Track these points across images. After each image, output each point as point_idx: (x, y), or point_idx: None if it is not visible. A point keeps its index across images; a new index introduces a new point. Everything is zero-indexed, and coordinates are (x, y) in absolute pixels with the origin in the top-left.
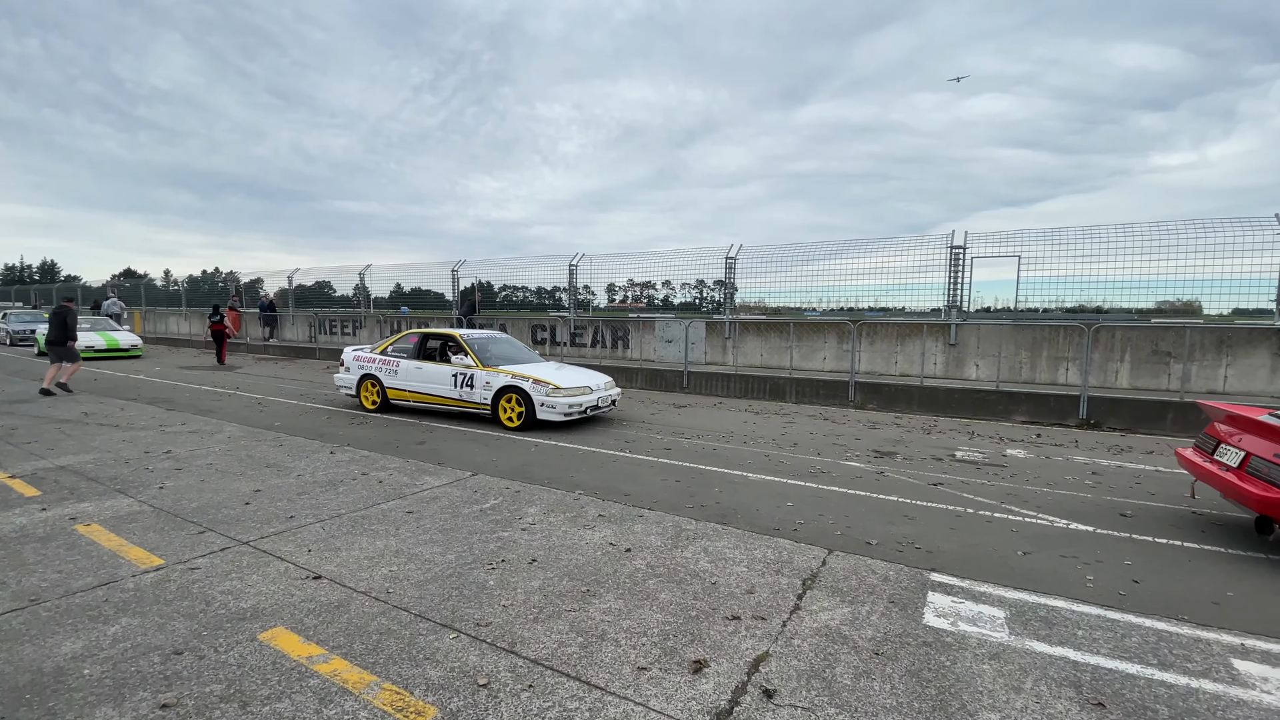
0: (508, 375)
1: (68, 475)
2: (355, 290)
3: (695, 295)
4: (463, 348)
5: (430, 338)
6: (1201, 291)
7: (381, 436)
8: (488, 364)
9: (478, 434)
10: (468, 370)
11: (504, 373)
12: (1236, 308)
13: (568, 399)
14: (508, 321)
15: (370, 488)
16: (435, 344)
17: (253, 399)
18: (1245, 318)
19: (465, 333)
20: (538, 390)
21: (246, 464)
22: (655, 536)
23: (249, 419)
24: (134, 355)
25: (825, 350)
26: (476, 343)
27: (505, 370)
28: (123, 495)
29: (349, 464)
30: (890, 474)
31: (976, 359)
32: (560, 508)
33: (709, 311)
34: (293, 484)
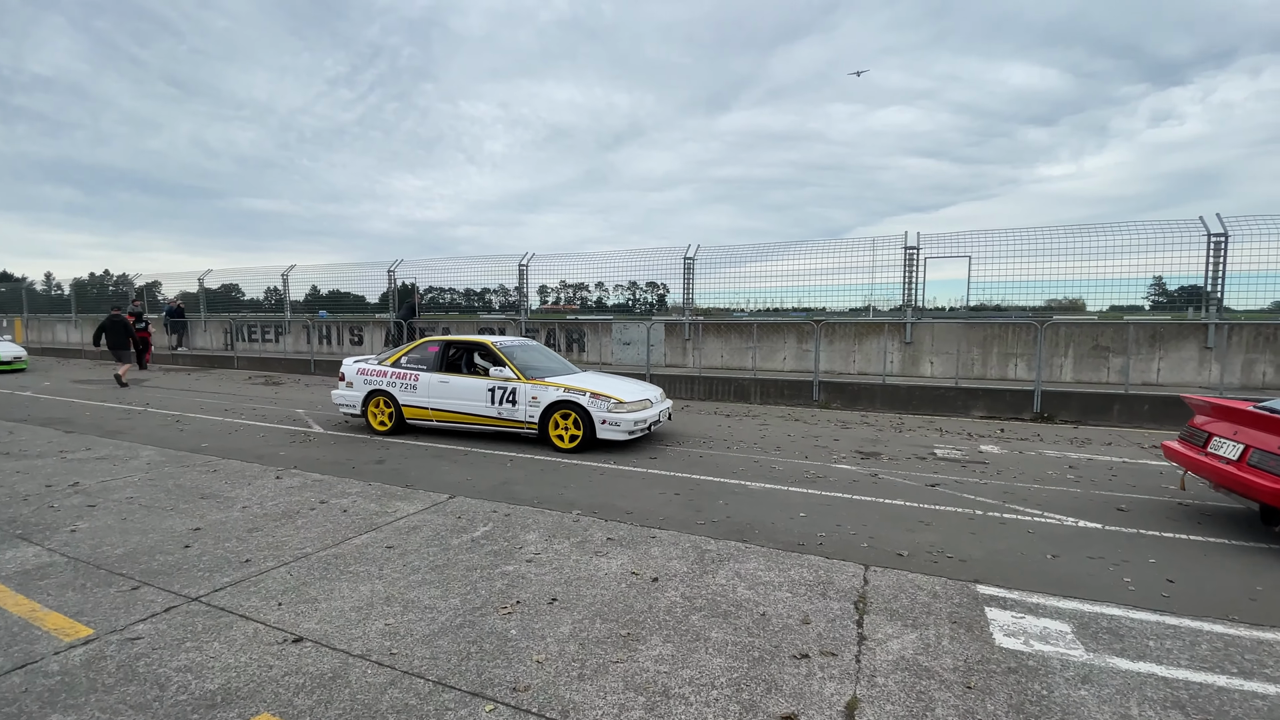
0: (559, 389)
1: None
2: (267, 293)
3: (629, 297)
4: (498, 358)
5: (453, 346)
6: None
7: (332, 456)
8: (530, 376)
9: (441, 449)
10: (508, 384)
11: (554, 386)
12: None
13: (632, 415)
14: (451, 325)
15: (335, 519)
16: (459, 353)
17: (169, 416)
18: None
19: (499, 340)
20: (598, 406)
21: (177, 495)
22: (678, 561)
23: (168, 440)
24: (17, 369)
25: (785, 351)
26: (513, 352)
27: (554, 383)
28: (26, 543)
29: (302, 491)
30: (884, 476)
31: (931, 356)
32: (561, 531)
33: (643, 314)
34: (239, 518)
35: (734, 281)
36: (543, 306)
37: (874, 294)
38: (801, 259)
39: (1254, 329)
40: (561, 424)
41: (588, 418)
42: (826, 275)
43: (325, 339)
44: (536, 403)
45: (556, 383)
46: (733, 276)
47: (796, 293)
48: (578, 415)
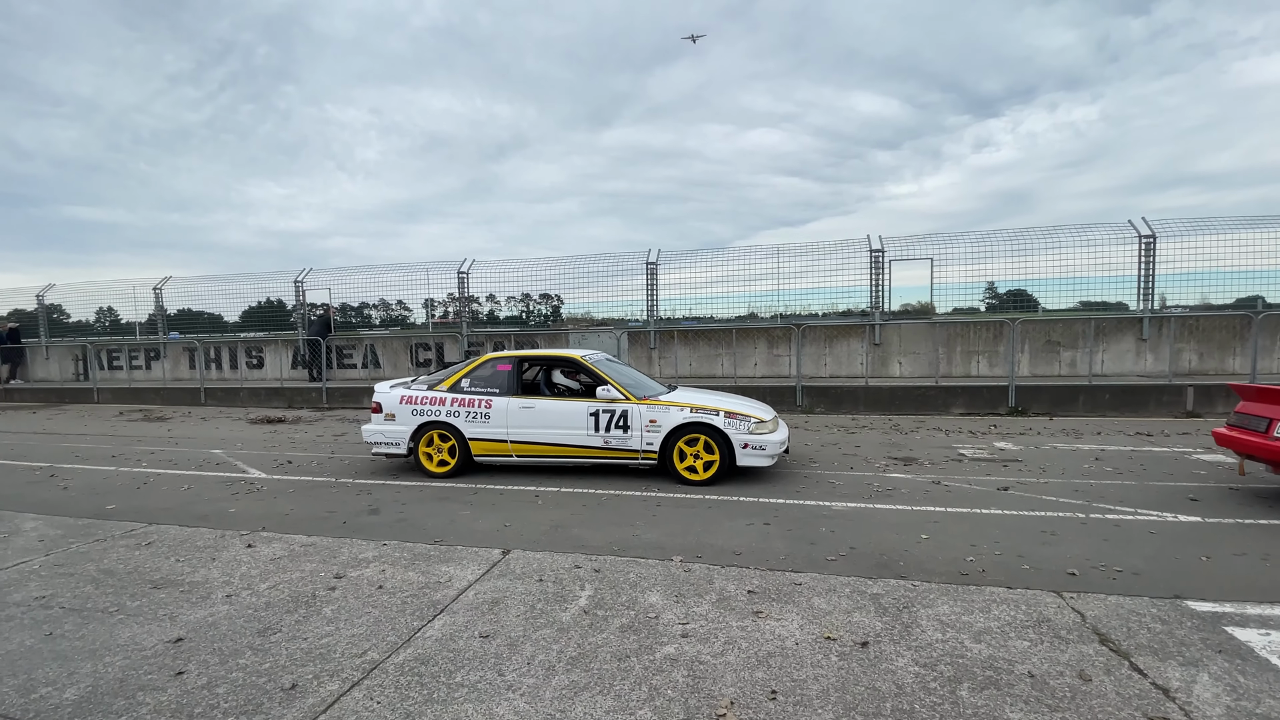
0: (684, 409)
1: None
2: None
3: (522, 309)
4: (598, 375)
5: (529, 364)
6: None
7: (304, 509)
8: (639, 395)
9: (441, 489)
10: (615, 406)
11: (677, 406)
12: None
13: (775, 436)
14: (374, 342)
15: (374, 600)
16: (536, 372)
17: (35, 470)
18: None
19: (589, 354)
20: (736, 427)
21: (114, 588)
22: (858, 613)
23: (53, 504)
24: None
25: (756, 356)
26: (607, 367)
27: (674, 402)
28: None
29: (296, 561)
30: (946, 483)
31: (900, 357)
32: (684, 588)
33: (538, 324)
34: (232, 614)
35: (692, 288)
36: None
37: (837, 297)
38: (758, 263)
39: (1179, 321)
40: (689, 451)
41: (725, 442)
42: (789, 279)
43: (215, 363)
44: (656, 427)
45: (678, 401)
46: (688, 282)
47: (756, 297)
48: (709, 440)
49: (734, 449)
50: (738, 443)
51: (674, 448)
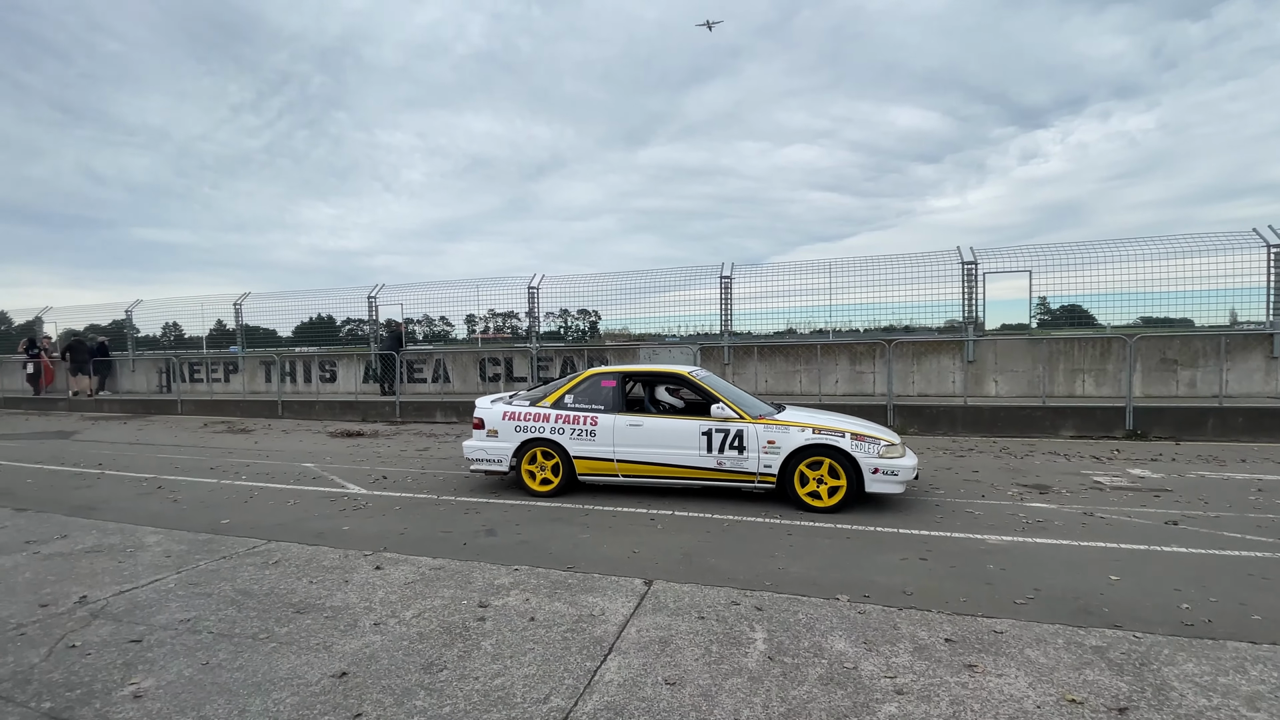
0: (806, 429)
1: None
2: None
3: (559, 325)
4: (708, 393)
5: (633, 380)
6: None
7: (418, 528)
8: (754, 414)
9: (550, 509)
10: (729, 425)
11: (797, 426)
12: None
13: (908, 461)
14: (444, 356)
15: (530, 634)
16: (640, 389)
17: (141, 481)
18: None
19: (694, 370)
20: (864, 450)
21: (256, 612)
22: (1088, 670)
23: (168, 517)
24: None
25: (837, 373)
26: (718, 384)
27: (794, 421)
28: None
29: (431, 587)
30: (1101, 515)
31: (995, 375)
32: (869, 634)
33: (576, 341)
34: (388, 646)
35: (763, 300)
36: (470, 336)
37: (922, 312)
38: (835, 276)
39: None
40: (812, 475)
41: (852, 466)
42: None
43: (290, 376)
44: (774, 449)
45: (798, 421)
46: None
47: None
48: (834, 463)
49: (862, 474)
50: (866, 467)
51: (794, 471)
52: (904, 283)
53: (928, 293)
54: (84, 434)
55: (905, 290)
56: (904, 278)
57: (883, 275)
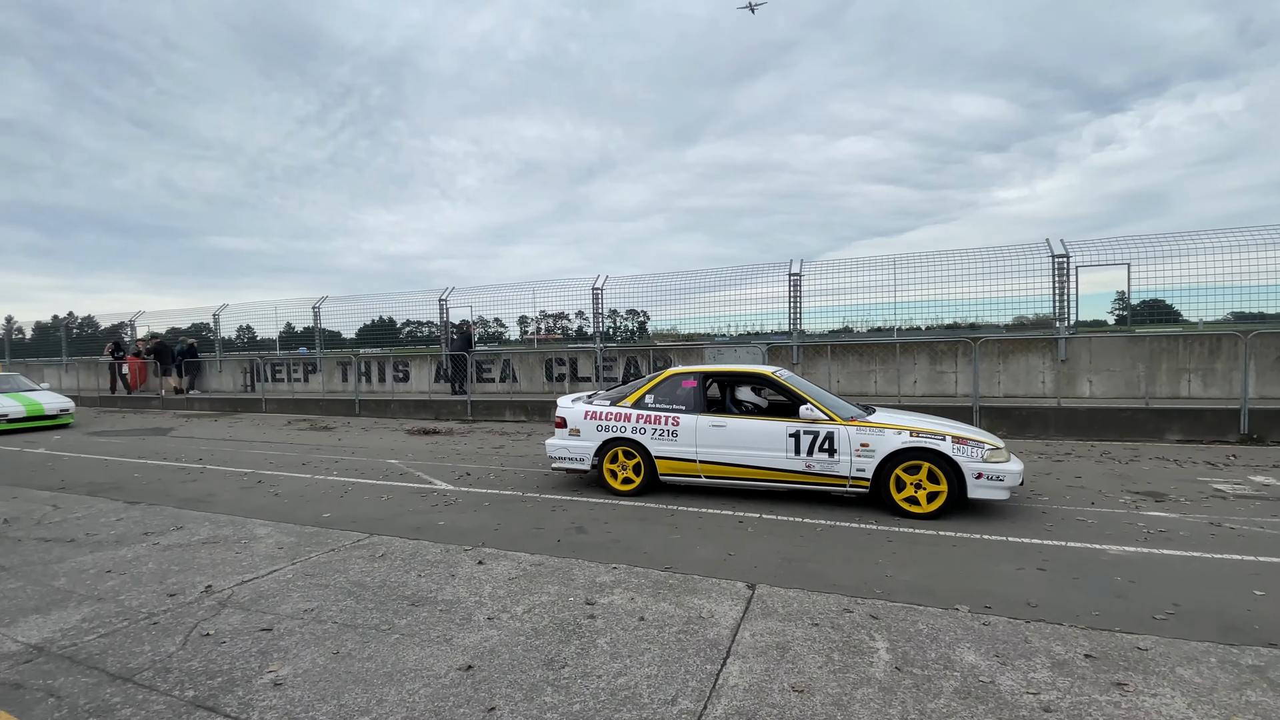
0: (902, 431)
1: (63, 670)
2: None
3: (609, 325)
4: (794, 393)
5: (714, 379)
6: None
7: (511, 525)
8: (844, 415)
9: (637, 508)
10: (818, 427)
11: (891, 428)
12: None
13: (1014, 466)
14: (511, 356)
15: (641, 634)
16: (720, 388)
17: (241, 476)
18: None
19: (778, 370)
20: (967, 454)
21: (372, 603)
22: (1249, 690)
23: (272, 510)
24: (64, 423)
25: (916, 373)
26: (802, 385)
27: (888, 424)
28: (217, 716)
29: (535, 583)
30: (1229, 525)
31: (1090, 375)
32: (999, 646)
33: (625, 340)
34: (505, 641)
35: (835, 295)
36: (523, 337)
37: (1006, 308)
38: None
39: None
40: (909, 480)
41: (954, 471)
42: (930, 286)
43: (365, 376)
44: (868, 452)
45: (892, 423)
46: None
47: (911, 308)
48: (934, 468)
49: (965, 479)
50: (969, 472)
51: (890, 475)
52: (981, 277)
53: (1009, 287)
54: (179, 431)
55: (980, 285)
56: (981, 271)
57: (955, 270)
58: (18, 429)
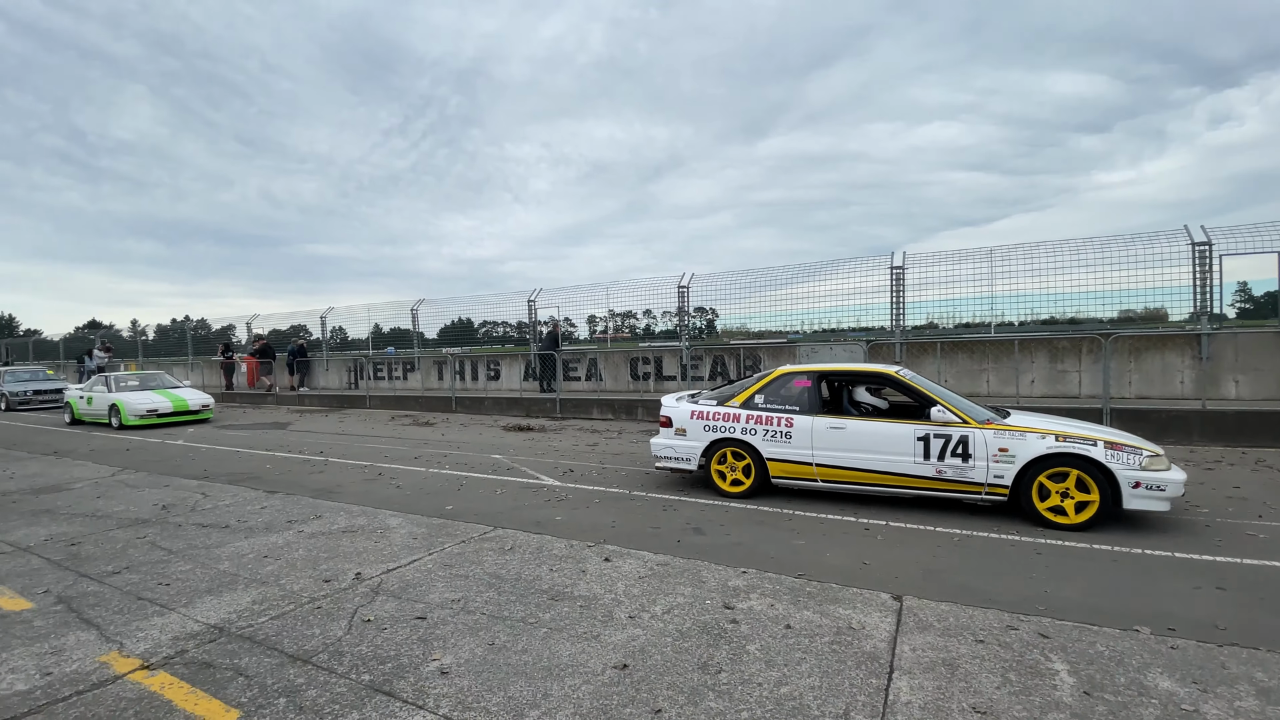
0: (1047, 436)
1: (245, 650)
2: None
3: (675, 323)
4: (922, 394)
5: (830, 379)
6: None
7: (626, 523)
8: (978, 419)
9: (751, 511)
10: (950, 430)
11: (1034, 432)
12: None
13: (1175, 475)
14: (597, 356)
15: (801, 646)
16: (837, 388)
17: (362, 469)
18: None
19: (905, 370)
20: (1122, 460)
21: (513, 596)
22: None
23: (397, 501)
24: (204, 418)
25: (1033, 371)
26: (933, 386)
27: (1027, 427)
28: (396, 701)
29: (667, 583)
30: None
31: (1235, 374)
32: (1196, 673)
33: (695, 338)
34: (652, 642)
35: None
36: (592, 336)
37: (1133, 299)
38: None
39: None
40: (1054, 488)
41: (1108, 479)
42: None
43: (459, 375)
44: (1008, 458)
45: (1034, 427)
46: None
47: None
48: (1082, 475)
49: (1120, 488)
50: (1125, 480)
51: (1032, 483)
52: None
53: (1130, 279)
54: (295, 425)
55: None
56: (1099, 261)
57: (1066, 259)
58: (165, 423)
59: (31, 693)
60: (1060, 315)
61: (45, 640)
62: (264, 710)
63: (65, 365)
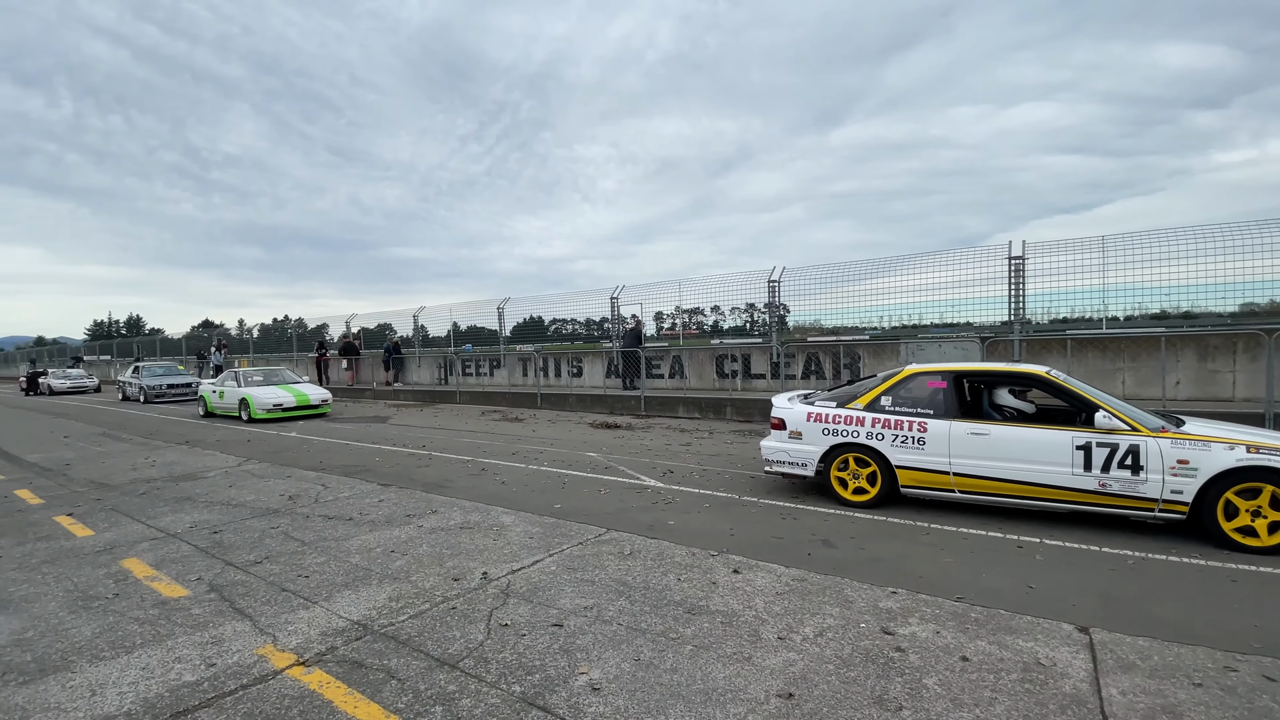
0: (1238, 447)
1: (391, 650)
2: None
3: (745, 319)
4: (1081, 398)
5: (970, 380)
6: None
7: (745, 530)
8: (1152, 426)
9: (875, 521)
10: (1116, 439)
11: (1220, 441)
12: None
13: None
14: (681, 353)
15: (986, 683)
16: (975, 390)
17: (464, 463)
18: None
19: (1058, 371)
20: None
21: (646, 605)
22: None
23: (505, 498)
24: (323, 412)
25: (1178, 371)
26: (1090, 389)
27: (1211, 436)
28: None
29: (809, 601)
30: None
31: None
32: None
33: (762, 334)
34: (815, 667)
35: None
36: (659, 333)
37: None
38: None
39: None
40: (1244, 506)
41: None
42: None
43: (543, 371)
44: (1188, 471)
45: (1220, 436)
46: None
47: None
48: (1278, 491)
49: None
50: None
51: (1217, 500)
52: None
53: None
54: (394, 419)
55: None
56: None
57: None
58: (288, 417)
59: (200, 684)
60: (1173, 309)
61: (204, 629)
62: (422, 718)
63: (186, 361)
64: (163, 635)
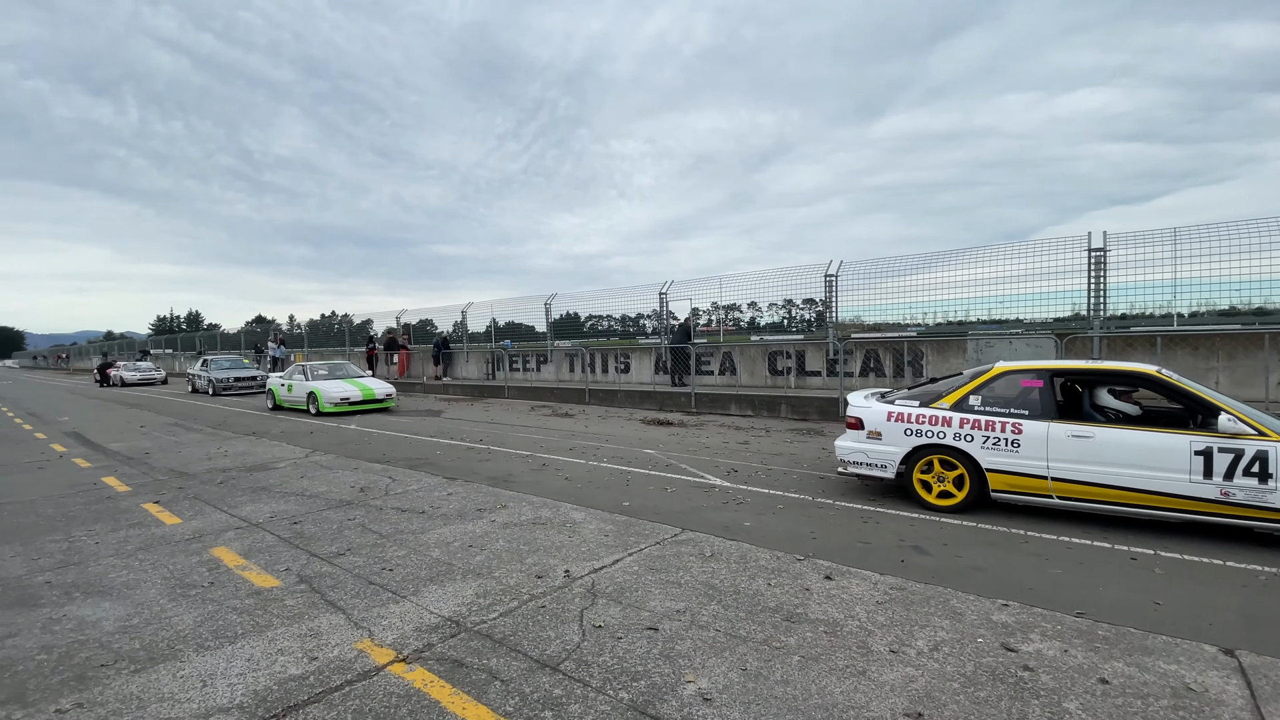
0: None
1: (489, 650)
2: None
3: (784, 315)
4: (1198, 399)
5: (1068, 379)
6: None
7: (822, 534)
8: (1278, 431)
9: (959, 525)
10: (1240, 444)
11: None
12: None
13: None
14: (731, 349)
15: (1127, 705)
16: (1075, 390)
17: (524, 459)
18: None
19: (1170, 371)
20: None
21: (741, 611)
22: None
23: (573, 494)
24: (386, 406)
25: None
26: (1203, 388)
27: None
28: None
29: (913, 612)
30: None
31: None
32: None
33: (802, 330)
34: (937, 685)
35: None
36: (696, 329)
37: None
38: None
39: None
40: None
41: None
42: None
43: (590, 367)
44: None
45: None
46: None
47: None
48: None
49: None
50: None
51: None
52: None
53: None
54: (448, 413)
55: None
56: None
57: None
58: (355, 411)
59: (305, 678)
60: (1244, 305)
61: (301, 621)
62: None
63: (245, 354)
64: (262, 626)
